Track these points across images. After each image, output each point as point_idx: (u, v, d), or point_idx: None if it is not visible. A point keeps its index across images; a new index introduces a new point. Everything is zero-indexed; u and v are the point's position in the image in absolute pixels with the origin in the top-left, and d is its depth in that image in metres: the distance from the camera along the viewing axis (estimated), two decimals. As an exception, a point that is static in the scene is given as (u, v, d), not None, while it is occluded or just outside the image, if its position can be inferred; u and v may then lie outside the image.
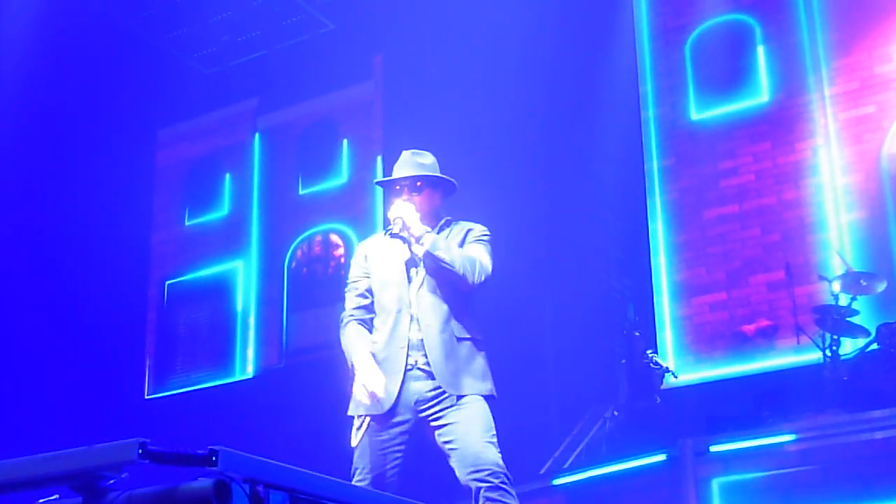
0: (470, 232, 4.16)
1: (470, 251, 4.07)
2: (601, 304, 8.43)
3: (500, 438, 3.87)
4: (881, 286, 6.79)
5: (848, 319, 6.71)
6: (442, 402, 3.91)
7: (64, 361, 9.36)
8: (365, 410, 3.92)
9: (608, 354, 8.07)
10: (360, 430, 3.93)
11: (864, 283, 6.79)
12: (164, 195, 10.74)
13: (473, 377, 3.95)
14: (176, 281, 10.37)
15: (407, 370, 3.95)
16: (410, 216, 4.06)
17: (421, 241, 4.01)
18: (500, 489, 3.75)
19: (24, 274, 9.50)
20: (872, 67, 7.84)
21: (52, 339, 9.40)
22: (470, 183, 4.35)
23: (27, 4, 8.69)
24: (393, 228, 4.11)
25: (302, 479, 2.53)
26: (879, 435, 5.42)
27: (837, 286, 6.80)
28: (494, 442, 3.85)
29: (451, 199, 4.28)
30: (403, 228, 4.07)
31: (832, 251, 7.49)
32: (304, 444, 7.95)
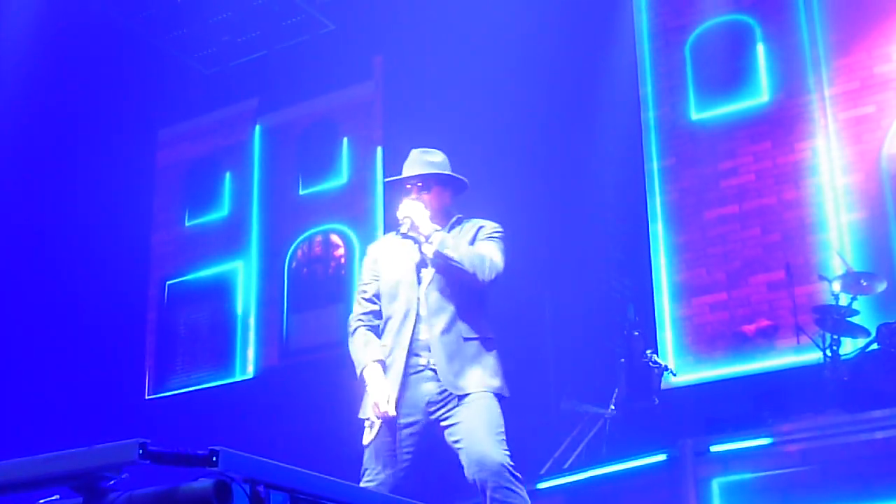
0: (481, 229, 4.13)
1: (480, 248, 4.04)
2: (601, 304, 8.43)
3: (500, 439, 3.86)
4: (881, 286, 6.79)
5: (848, 319, 6.71)
6: (448, 402, 3.90)
7: (64, 362, 9.34)
8: (370, 414, 3.93)
9: (608, 355, 8.07)
10: (371, 430, 3.93)
11: (864, 283, 6.79)
12: (164, 195, 10.73)
13: (479, 375, 3.92)
14: (176, 281, 10.36)
15: (416, 372, 3.95)
16: (419, 215, 4.04)
17: (430, 239, 3.99)
18: (504, 489, 3.73)
19: (24, 274, 9.49)
20: (872, 67, 7.84)
21: (52, 339, 9.39)
22: (470, 183, 4.34)
23: (27, 4, 8.69)
24: (401, 228, 4.09)
25: (302, 479, 2.53)
26: (880, 435, 5.41)
27: (838, 286, 6.80)
28: (501, 440, 3.83)
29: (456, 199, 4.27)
30: (412, 227, 4.05)
31: (832, 251, 7.49)
32: (304, 444, 7.95)
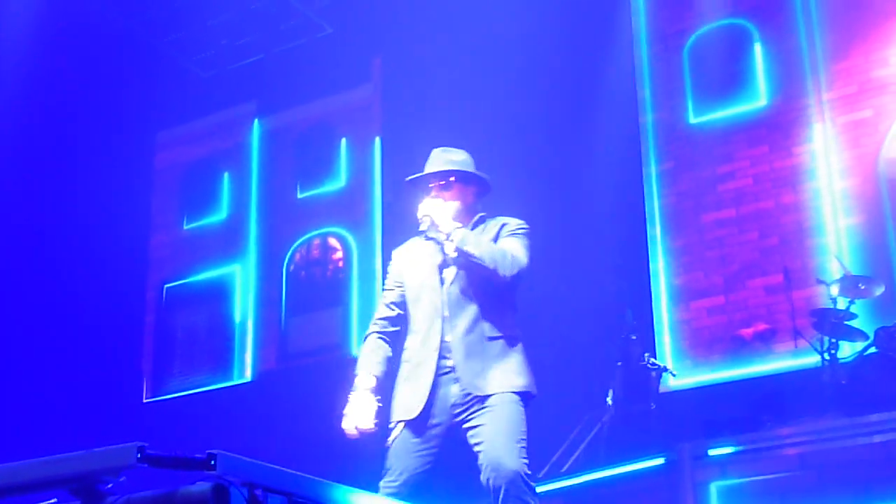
0: (505, 226, 4.10)
1: (503, 244, 4.01)
2: (599, 308, 8.42)
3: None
4: (879, 290, 6.79)
5: (846, 323, 6.71)
6: (471, 405, 3.87)
7: (62, 365, 9.33)
8: (398, 417, 3.93)
9: (606, 358, 8.06)
10: (394, 430, 3.92)
11: (862, 286, 6.79)
12: (162, 198, 10.73)
13: (502, 375, 3.89)
14: (174, 284, 10.34)
15: (444, 373, 3.92)
16: (438, 213, 4.01)
17: (451, 236, 3.96)
18: (516, 498, 3.70)
19: (22, 276, 9.48)
20: (870, 71, 7.84)
21: (50, 342, 9.38)
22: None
23: (27, 5, 8.69)
24: (421, 226, 4.06)
25: (300, 482, 2.54)
26: (878, 439, 5.41)
27: (836, 290, 6.80)
28: (521, 447, 3.78)
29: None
30: (432, 226, 4.02)
31: (830, 255, 7.49)
32: (302, 447, 7.93)
